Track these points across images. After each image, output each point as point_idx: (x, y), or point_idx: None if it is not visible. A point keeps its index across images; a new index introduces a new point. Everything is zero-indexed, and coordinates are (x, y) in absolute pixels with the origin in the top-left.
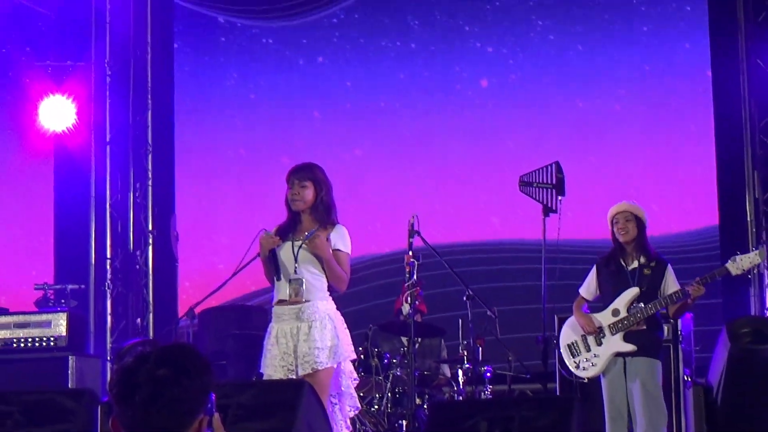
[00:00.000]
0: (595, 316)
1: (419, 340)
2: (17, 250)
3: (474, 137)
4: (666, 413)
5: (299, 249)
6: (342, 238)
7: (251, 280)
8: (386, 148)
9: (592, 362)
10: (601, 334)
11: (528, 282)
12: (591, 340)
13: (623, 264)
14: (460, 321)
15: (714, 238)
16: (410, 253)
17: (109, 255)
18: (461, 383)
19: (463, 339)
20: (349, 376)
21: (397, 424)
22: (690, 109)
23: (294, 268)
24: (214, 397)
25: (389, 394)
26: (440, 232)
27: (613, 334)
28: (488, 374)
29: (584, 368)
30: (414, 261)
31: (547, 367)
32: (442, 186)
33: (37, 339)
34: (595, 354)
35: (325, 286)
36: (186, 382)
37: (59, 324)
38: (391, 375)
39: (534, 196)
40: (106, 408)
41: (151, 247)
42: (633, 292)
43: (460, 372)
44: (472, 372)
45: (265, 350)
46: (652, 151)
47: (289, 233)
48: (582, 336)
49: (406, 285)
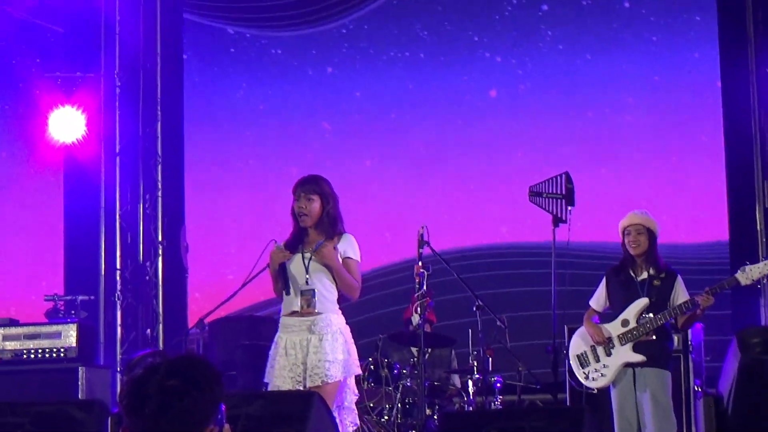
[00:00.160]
0: (605, 326)
1: (429, 350)
2: (27, 262)
3: (483, 147)
4: (675, 424)
5: (310, 260)
6: (351, 246)
7: (261, 290)
8: (396, 158)
9: (601, 373)
10: (611, 345)
11: (537, 287)
12: (600, 350)
13: (633, 275)
14: (470, 331)
15: (724, 253)
16: (420, 264)
17: (118, 266)
18: (471, 393)
19: (472, 349)
20: (352, 391)
21: None
22: (699, 119)
23: (306, 279)
24: (224, 408)
25: (399, 405)
26: (449, 242)
27: (622, 345)
28: (498, 384)
29: (594, 379)
30: (423, 271)
31: (557, 377)
32: (452, 196)
33: (47, 350)
34: (604, 365)
35: (336, 298)
36: (196, 393)
37: (69, 335)
38: (401, 385)
39: (544, 207)
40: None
41: (160, 258)
42: (643, 302)
43: (470, 382)
44: (482, 382)
45: (272, 360)
46: (661, 161)
47: (298, 245)
48: (591, 347)
49: (415, 295)
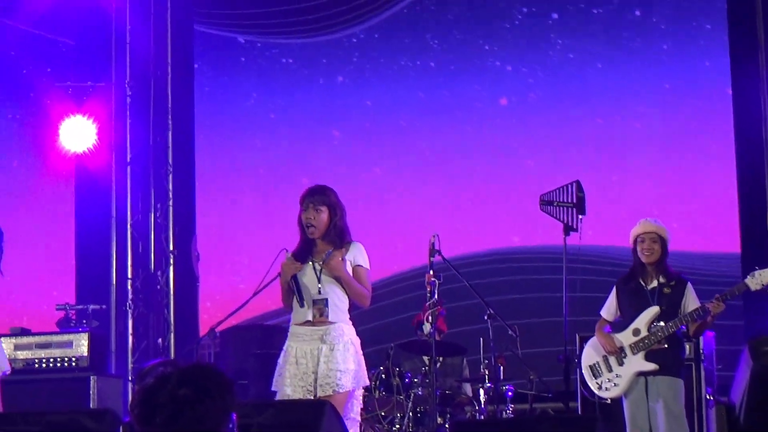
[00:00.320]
0: (616, 336)
1: (441, 359)
2: (39, 271)
3: (494, 156)
4: None
5: (321, 269)
6: (361, 253)
7: (272, 299)
8: (406, 166)
9: (614, 382)
10: (623, 354)
11: (547, 293)
12: (613, 360)
13: (643, 283)
14: (482, 339)
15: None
16: (431, 272)
17: (130, 275)
18: (483, 402)
19: (484, 358)
20: (359, 402)
21: None
22: (710, 127)
23: (318, 289)
24: (235, 417)
25: (411, 414)
26: (460, 249)
27: (634, 354)
28: (510, 393)
29: (607, 389)
30: (435, 280)
31: (569, 385)
32: (462, 204)
33: (58, 359)
34: (617, 374)
35: (347, 308)
36: (208, 402)
37: (81, 344)
38: (412, 394)
39: (555, 215)
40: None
41: (172, 267)
42: (653, 311)
43: (481, 391)
44: (493, 391)
45: (280, 369)
46: (672, 169)
47: (308, 255)
48: (603, 356)
49: (427, 304)
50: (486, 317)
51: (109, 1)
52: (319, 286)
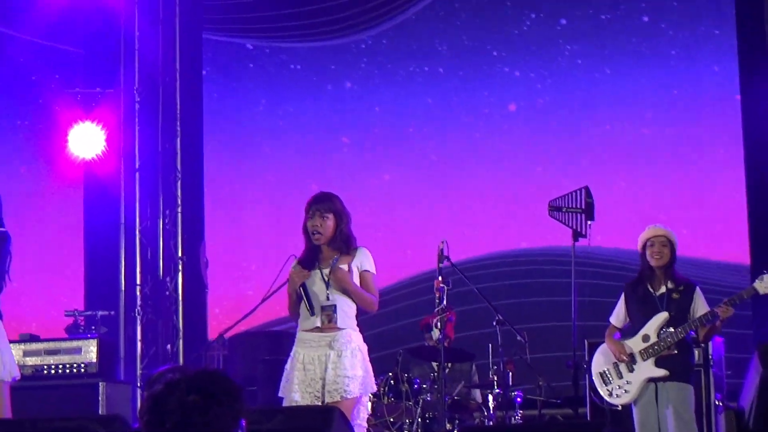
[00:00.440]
0: (626, 342)
1: (449, 364)
2: (48, 277)
3: (502, 161)
4: None
5: (329, 276)
6: (367, 259)
7: (281, 306)
8: (415, 172)
9: (625, 389)
10: (633, 361)
11: (556, 297)
12: (623, 367)
13: (651, 289)
14: (490, 345)
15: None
16: (440, 278)
17: (138, 281)
18: (492, 408)
19: (492, 364)
20: (366, 409)
21: None
22: (719, 132)
23: (326, 295)
24: (244, 424)
25: (420, 420)
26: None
27: (644, 360)
28: (519, 399)
29: (617, 395)
30: (443, 286)
31: (578, 391)
32: (471, 209)
33: (67, 365)
34: (627, 381)
35: (355, 314)
36: (216, 408)
37: (89, 350)
38: (421, 400)
39: (563, 221)
40: None
41: (180, 274)
42: (662, 317)
43: (490, 397)
44: (502, 397)
45: (288, 375)
46: (681, 175)
47: (314, 262)
48: (614, 363)
49: (436, 310)
50: (495, 323)
51: (118, 8)
52: (328, 292)
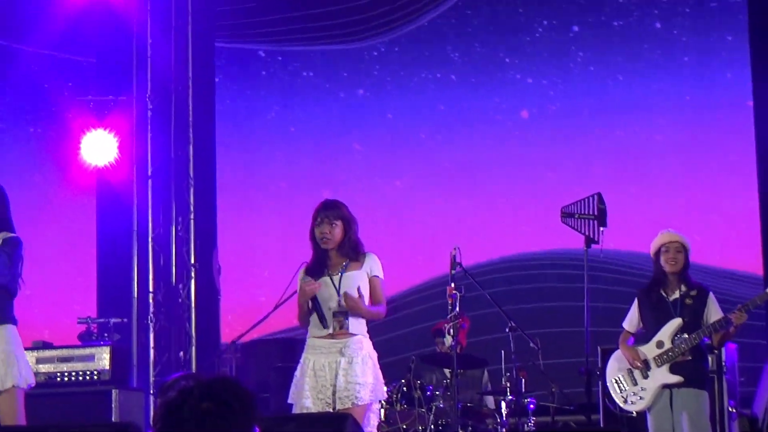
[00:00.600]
0: (640, 348)
1: (462, 370)
2: (60, 284)
3: (514, 167)
4: None
5: (340, 281)
6: (377, 264)
7: (293, 312)
8: (427, 179)
9: (639, 396)
10: (647, 367)
11: (569, 302)
12: (637, 373)
13: (664, 295)
14: (503, 352)
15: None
16: (452, 285)
17: (151, 288)
18: (504, 415)
19: (505, 370)
20: (377, 416)
21: None
22: (731, 139)
23: (338, 302)
24: (258, 430)
25: (432, 426)
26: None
27: (658, 367)
28: (531, 406)
29: (632, 402)
30: (456, 293)
31: (591, 398)
32: (483, 216)
33: (80, 373)
34: (642, 387)
35: (365, 320)
36: (230, 415)
37: (102, 358)
38: (434, 407)
39: (576, 228)
40: None
41: (193, 281)
42: (676, 323)
43: (503, 403)
44: (515, 403)
45: (298, 382)
46: (693, 180)
47: (323, 269)
48: (628, 370)
49: (449, 317)
50: (507, 330)
51: (131, 16)
52: (339, 298)
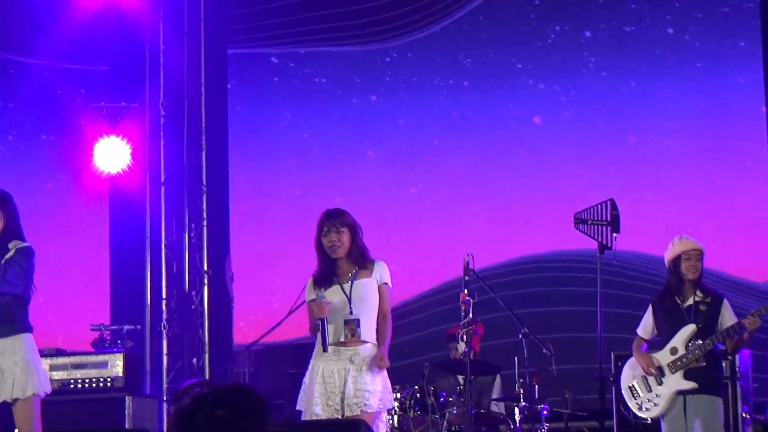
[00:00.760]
0: (654, 355)
1: (474, 377)
2: (74, 291)
3: (527, 174)
4: None
5: (351, 290)
6: (386, 272)
7: (306, 318)
8: (439, 185)
9: (654, 402)
10: (662, 374)
11: (582, 307)
12: (652, 380)
13: (678, 301)
14: (516, 358)
15: None
16: (465, 292)
17: (164, 295)
18: (518, 421)
19: (518, 376)
20: (385, 424)
21: None
22: (744, 144)
23: (349, 310)
24: None
25: None
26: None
27: (672, 373)
28: (545, 412)
29: (647, 409)
30: (469, 299)
31: (605, 404)
32: (496, 222)
33: (93, 380)
34: (656, 394)
35: (375, 327)
36: (243, 422)
37: (116, 365)
38: (447, 413)
39: (589, 234)
40: None
41: (206, 288)
42: (690, 329)
43: (516, 410)
44: (528, 410)
45: (307, 388)
46: (706, 186)
47: (332, 278)
48: (642, 376)
49: (462, 323)
50: (521, 336)
51: (143, 23)
52: (351, 306)
